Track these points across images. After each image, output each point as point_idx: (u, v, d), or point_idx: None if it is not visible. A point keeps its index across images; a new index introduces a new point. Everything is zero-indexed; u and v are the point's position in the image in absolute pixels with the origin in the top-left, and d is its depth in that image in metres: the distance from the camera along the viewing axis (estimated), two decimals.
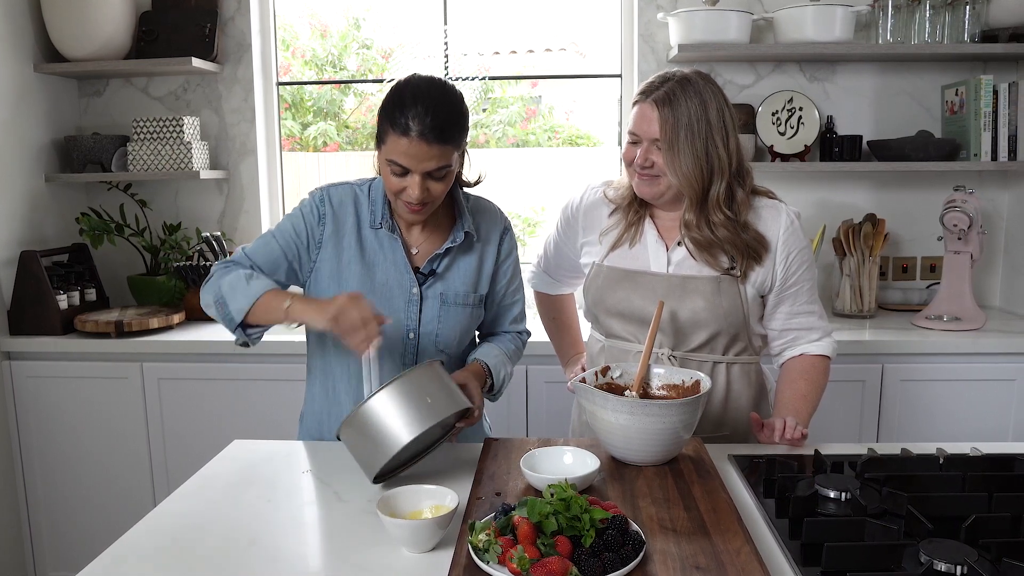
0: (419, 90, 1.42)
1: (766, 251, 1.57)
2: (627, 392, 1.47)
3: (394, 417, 1.27)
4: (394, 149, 1.42)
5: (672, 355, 1.59)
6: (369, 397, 1.28)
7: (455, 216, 1.61)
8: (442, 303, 1.59)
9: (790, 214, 1.60)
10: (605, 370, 1.51)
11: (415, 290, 1.57)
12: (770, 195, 1.63)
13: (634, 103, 1.57)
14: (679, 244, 1.60)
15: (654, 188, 1.56)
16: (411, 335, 1.59)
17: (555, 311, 1.97)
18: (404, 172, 1.44)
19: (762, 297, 1.62)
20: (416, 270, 1.58)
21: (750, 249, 1.56)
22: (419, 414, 1.27)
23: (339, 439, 1.34)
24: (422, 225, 1.59)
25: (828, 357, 1.65)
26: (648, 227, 1.63)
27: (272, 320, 1.50)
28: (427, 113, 1.39)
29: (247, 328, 1.56)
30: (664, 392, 1.49)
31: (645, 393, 1.49)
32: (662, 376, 1.50)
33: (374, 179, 1.61)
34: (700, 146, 1.50)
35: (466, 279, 1.61)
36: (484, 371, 1.60)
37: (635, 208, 1.64)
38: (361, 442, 1.30)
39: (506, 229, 1.67)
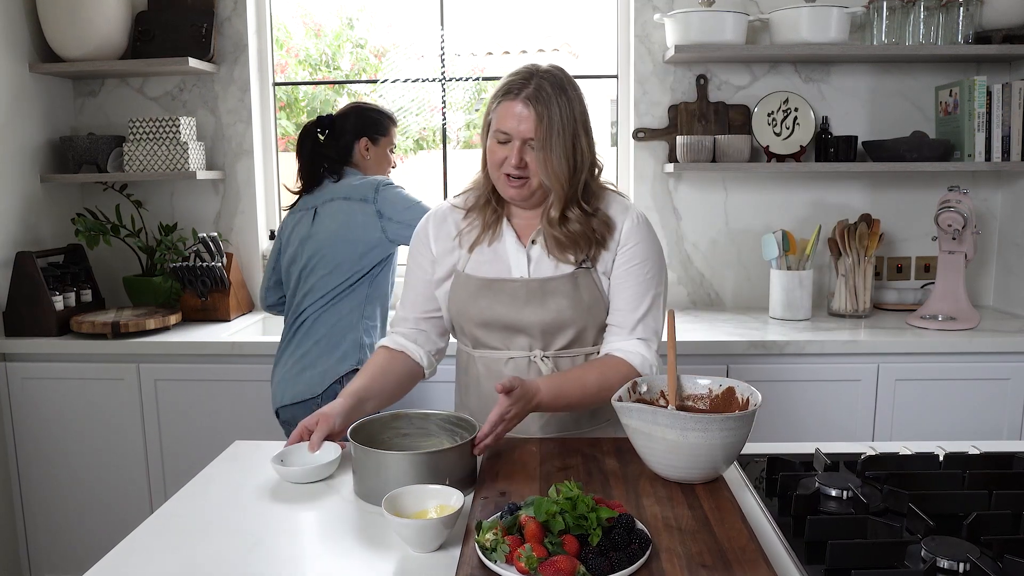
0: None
1: (611, 235, 1.57)
2: (669, 408, 1.40)
3: (409, 480, 1.27)
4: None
5: (544, 356, 1.58)
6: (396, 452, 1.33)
7: None
8: None
9: (638, 213, 1.60)
10: (634, 386, 1.44)
11: None
12: (619, 192, 1.64)
13: (498, 101, 1.51)
14: (533, 242, 1.59)
15: (523, 190, 1.53)
16: None
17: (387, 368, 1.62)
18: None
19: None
20: None
21: (598, 234, 1.55)
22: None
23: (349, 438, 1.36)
24: None
25: (630, 365, 1.53)
26: (507, 229, 1.60)
27: None
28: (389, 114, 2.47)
29: None
30: (692, 403, 1.45)
31: (680, 406, 1.44)
32: (685, 388, 1.46)
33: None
34: (569, 144, 1.49)
35: None
36: None
37: (492, 207, 1.60)
38: (367, 471, 1.32)
39: None
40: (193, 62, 2.78)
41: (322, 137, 2.38)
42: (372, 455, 1.30)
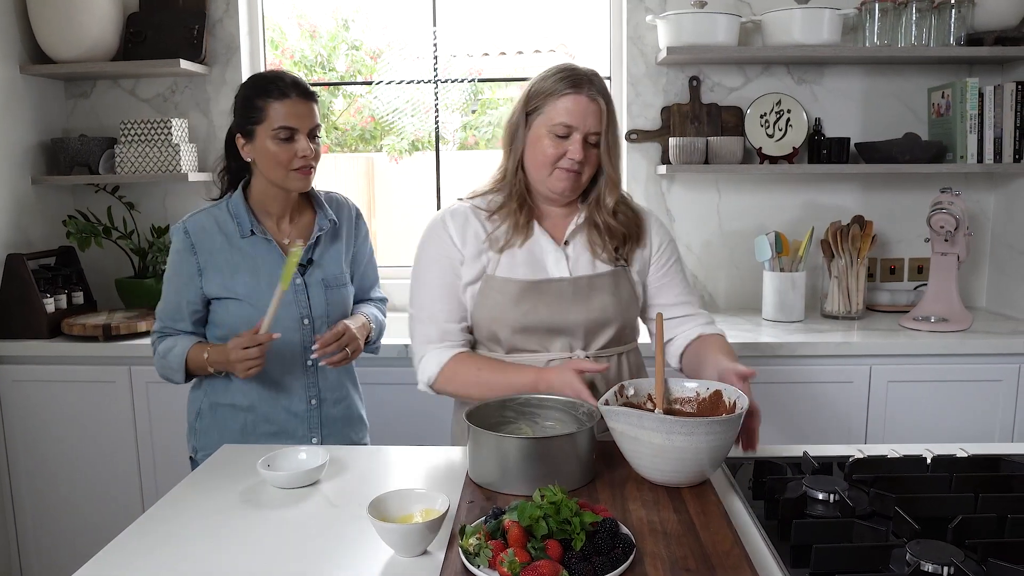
0: (272, 72, 1.75)
1: (644, 232, 1.66)
2: (656, 412, 1.40)
3: (526, 465, 1.28)
4: (278, 116, 1.67)
5: (586, 356, 1.58)
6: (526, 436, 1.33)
7: (315, 210, 1.84)
8: (325, 287, 1.80)
9: (653, 213, 1.73)
10: (621, 389, 1.44)
11: (299, 280, 1.77)
12: None
13: (556, 96, 1.52)
14: (567, 243, 1.61)
15: (577, 183, 1.57)
16: (305, 321, 1.78)
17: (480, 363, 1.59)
18: (290, 136, 1.68)
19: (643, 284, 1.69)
20: None
21: (633, 228, 1.64)
22: (546, 478, 1.26)
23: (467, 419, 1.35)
24: (289, 218, 1.81)
25: (723, 336, 1.67)
26: (539, 231, 1.60)
27: (206, 371, 1.75)
28: (292, 80, 1.70)
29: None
30: (679, 407, 1.45)
31: (667, 410, 1.44)
32: (672, 391, 1.46)
33: (227, 197, 1.80)
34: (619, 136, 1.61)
35: (338, 262, 1.84)
36: (368, 322, 1.87)
37: (528, 207, 1.60)
38: (482, 453, 1.32)
39: (358, 214, 1.93)
40: (185, 64, 2.77)
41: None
42: (490, 436, 1.31)
